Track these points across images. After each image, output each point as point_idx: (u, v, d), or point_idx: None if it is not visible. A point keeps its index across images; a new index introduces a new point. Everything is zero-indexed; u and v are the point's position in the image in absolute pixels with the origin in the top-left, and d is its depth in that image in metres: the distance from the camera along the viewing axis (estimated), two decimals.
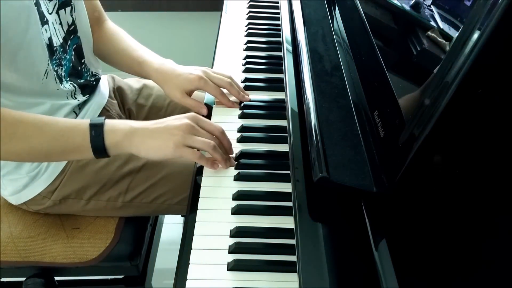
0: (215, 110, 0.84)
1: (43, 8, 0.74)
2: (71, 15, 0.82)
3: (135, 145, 0.68)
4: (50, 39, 0.76)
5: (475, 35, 0.39)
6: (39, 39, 0.73)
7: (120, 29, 0.98)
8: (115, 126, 0.68)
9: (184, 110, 1.03)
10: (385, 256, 0.46)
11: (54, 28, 0.78)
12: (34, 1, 0.71)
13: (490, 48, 0.38)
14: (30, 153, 0.69)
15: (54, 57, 0.77)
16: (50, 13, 0.76)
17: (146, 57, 0.90)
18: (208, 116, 0.83)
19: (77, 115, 0.86)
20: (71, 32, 0.83)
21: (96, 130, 0.67)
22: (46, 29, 0.74)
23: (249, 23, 1.10)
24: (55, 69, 0.78)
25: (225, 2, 1.20)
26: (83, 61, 0.88)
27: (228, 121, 0.81)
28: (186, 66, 0.87)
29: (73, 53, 0.84)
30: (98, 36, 0.94)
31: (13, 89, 0.73)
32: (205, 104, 0.85)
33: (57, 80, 0.79)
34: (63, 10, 0.80)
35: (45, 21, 0.74)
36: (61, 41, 0.80)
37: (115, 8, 1.71)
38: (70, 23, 0.82)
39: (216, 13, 1.25)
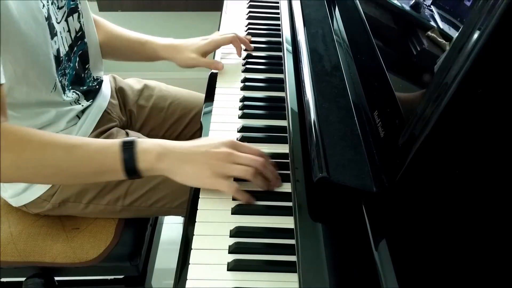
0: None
1: (53, 20, 0.74)
2: (79, 21, 0.83)
3: (169, 168, 0.64)
4: (58, 50, 0.76)
5: (475, 35, 0.39)
6: (49, 54, 0.73)
7: (105, 20, 0.99)
8: (146, 147, 0.65)
9: (185, 110, 1.03)
10: (385, 256, 0.46)
11: (62, 37, 0.78)
12: (46, 15, 0.71)
13: (490, 48, 0.38)
14: (60, 176, 0.67)
15: (59, 68, 0.77)
16: (58, 23, 0.76)
17: (147, 37, 0.94)
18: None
19: (79, 119, 0.86)
20: (79, 38, 0.84)
21: (128, 152, 0.64)
22: (55, 41, 0.75)
23: (249, 23, 1.10)
24: (60, 79, 0.78)
25: (225, 2, 1.20)
26: (87, 66, 0.88)
27: (228, 121, 0.81)
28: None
29: (77, 59, 0.84)
30: None
31: (21, 103, 0.73)
32: (206, 98, 0.87)
33: (62, 91, 0.79)
34: (71, 17, 0.80)
35: (54, 33, 0.74)
36: (67, 49, 0.80)
37: (115, 8, 1.71)
38: (77, 30, 0.83)
39: (216, 13, 1.25)
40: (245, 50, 0.99)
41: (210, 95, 0.88)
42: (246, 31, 1.07)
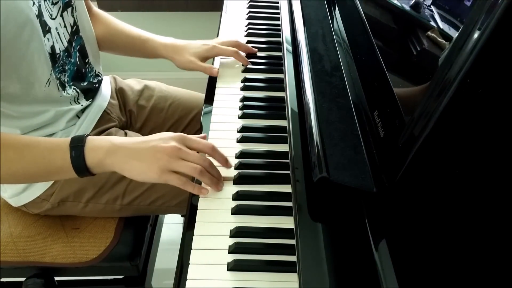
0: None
1: (46, 17, 0.73)
2: (73, 15, 0.82)
3: (117, 163, 0.65)
4: (52, 47, 0.75)
5: (475, 35, 0.39)
6: (41, 50, 0.73)
7: (107, 14, 0.99)
8: (95, 144, 0.65)
9: (186, 111, 1.03)
10: (385, 256, 0.46)
11: (58, 33, 0.77)
12: (37, 12, 0.70)
13: (490, 48, 0.38)
14: (14, 177, 0.67)
15: (56, 65, 0.77)
16: (54, 19, 0.76)
17: (148, 35, 0.94)
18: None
19: (79, 118, 0.86)
20: (74, 32, 0.83)
21: (76, 150, 0.64)
22: (48, 38, 0.74)
23: (249, 23, 1.10)
24: (58, 76, 0.78)
25: (225, 2, 1.20)
26: (87, 60, 0.88)
27: (228, 121, 0.81)
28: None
29: (77, 54, 0.84)
30: (93, 24, 0.94)
31: (17, 100, 0.73)
32: (206, 99, 0.88)
33: (60, 87, 0.79)
34: (66, 12, 0.80)
35: (47, 29, 0.74)
36: (66, 45, 0.80)
37: (115, 8, 1.71)
38: (72, 24, 0.82)
39: (216, 13, 1.25)
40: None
41: (210, 95, 0.88)
42: (246, 31, 1.07)
